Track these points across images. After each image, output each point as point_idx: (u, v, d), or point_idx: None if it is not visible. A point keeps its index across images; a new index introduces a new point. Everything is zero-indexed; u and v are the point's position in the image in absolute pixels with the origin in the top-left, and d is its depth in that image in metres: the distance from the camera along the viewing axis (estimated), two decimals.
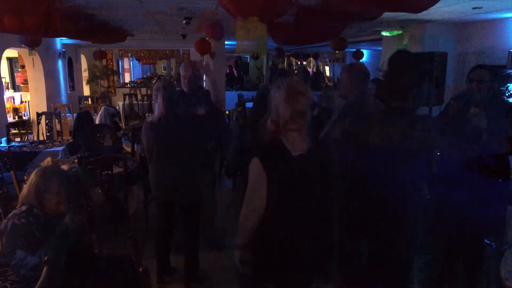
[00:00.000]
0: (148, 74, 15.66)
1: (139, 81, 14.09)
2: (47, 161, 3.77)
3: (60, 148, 5.01)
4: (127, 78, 15.82)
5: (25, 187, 2.14)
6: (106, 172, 3.52)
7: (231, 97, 9.89)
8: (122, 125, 9.73)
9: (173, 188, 2.96)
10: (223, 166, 5.65)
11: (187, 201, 3.01)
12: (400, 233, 2.28)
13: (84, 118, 6.58)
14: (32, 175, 2.14)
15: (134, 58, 13.55)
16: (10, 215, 2.05)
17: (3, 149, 4.65)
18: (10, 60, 9.74)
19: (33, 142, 5.35)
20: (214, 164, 4.30)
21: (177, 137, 2.86)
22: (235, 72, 15.97)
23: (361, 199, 2.39)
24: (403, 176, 2.17)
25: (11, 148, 4.69)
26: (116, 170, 3.74)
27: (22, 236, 1.95)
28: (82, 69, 11.07)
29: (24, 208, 2.06)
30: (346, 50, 6.96)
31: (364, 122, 2.42)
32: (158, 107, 2.82)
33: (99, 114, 7.62)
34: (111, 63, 12.31)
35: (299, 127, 1.92)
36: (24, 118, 8.21)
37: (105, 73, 11.74)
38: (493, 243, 3.17)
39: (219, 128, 3.56)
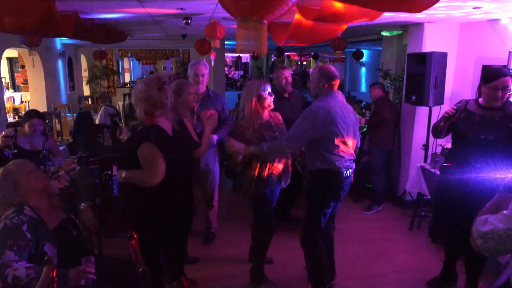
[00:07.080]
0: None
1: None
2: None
3: (60, 148, 5.00)
4: (127, 78, 15.83)
5: None
6: (106, 172, 3.52)
7: (231, 97, 9.90)
8: (122, 125, 9.73)
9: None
10: (223, 166, 5.65)
11: None
12: None
13: (84, 118, 6.58)
14: None
15: (134, 58, 13.55)
16: (2, 217, 2.05)
17: None
18: (10, 60, 9.72)
19: None
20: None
21: None
22: (233, 73, 15.96)
23: None
24: None
25: None
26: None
27: (12, 237, 1.95)
28: (82, 69, 11.06)
29: (12, 208, 2.06)
30: (346, 50, 6.96)
31: None
32: None
33: (99, 114, 7.61)
34: (111, 63, 12.31)
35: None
36: None
37: (105, 73, 11.75)
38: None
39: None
